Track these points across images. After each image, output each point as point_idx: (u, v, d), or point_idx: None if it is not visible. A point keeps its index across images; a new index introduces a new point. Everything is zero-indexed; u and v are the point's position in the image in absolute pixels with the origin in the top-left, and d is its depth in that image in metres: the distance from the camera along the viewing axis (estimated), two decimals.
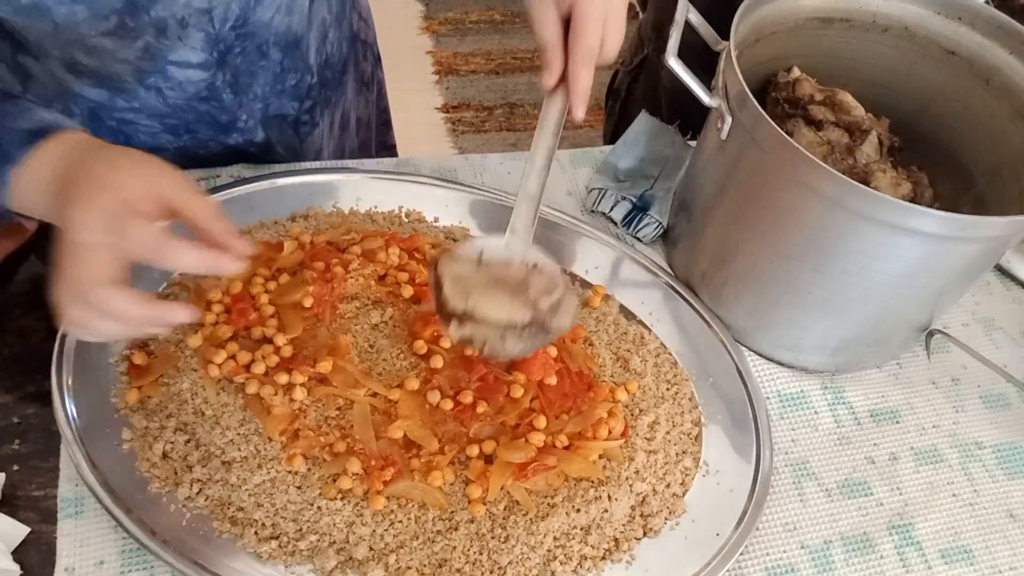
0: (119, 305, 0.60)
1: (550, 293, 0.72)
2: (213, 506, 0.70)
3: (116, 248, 0.60)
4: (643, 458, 0.78)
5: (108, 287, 0.60)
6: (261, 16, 0.86)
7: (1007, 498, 0.84)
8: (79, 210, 0.60)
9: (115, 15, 0.76)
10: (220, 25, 0.83)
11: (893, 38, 0.93)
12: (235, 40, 0.86)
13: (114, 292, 0.60)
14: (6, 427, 0.74)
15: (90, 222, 0.59)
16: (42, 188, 0.63)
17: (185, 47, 0.83)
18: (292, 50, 0.93)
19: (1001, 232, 0.75)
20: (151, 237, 0.60)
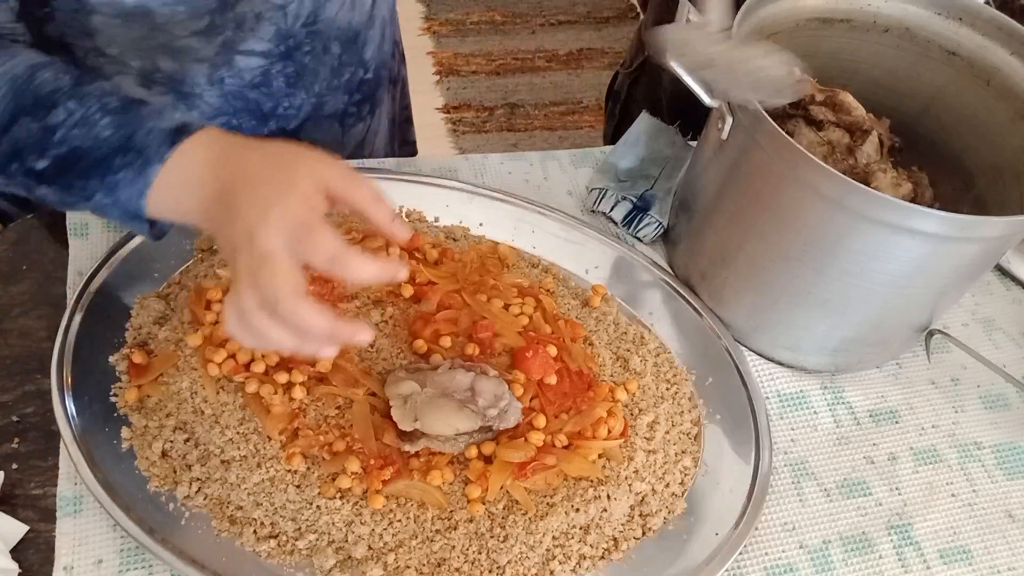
0: (308, 318, 0.58)
1: (498, 402, 0.74)
2: (212, 505, 0.70)
3: (299, 256, 0.58)
4: (642, 458, 0.78)
5: (299, 299, 0.58)
6: (329, 13, 0.88)
7: (1006, 498, 0.84)
8: (258, 216, 0.58)
9: (209, 15, 0.78)
10: (292, 21, 0.85)
11: (894, 39, 0.93)
12: (304, 37, 0.88)
13: (305, 305, 0.58)
14: (5, 426, 0.74)
15: (274, 230, 0.57)
16: (194, 188, 0.62)
17: (255, 37, 0.84)
18: (351, 45, 0.95)
19: (1001, 232, 0.75)
20: (334, 248, 0.58)
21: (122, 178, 0.62)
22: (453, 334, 0.81)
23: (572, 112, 2.58)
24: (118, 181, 0.62)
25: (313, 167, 0.61)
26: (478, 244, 0.91)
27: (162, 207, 0.64)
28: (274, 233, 0.57)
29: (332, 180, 0.61)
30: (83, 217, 0.86)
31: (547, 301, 0.86)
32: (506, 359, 0.81)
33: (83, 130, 0.62)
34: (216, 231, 0.62)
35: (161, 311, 0.80)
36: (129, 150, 0.62)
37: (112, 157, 0.62)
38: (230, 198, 0.60)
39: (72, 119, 0.63)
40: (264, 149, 0.62)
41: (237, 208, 0.59)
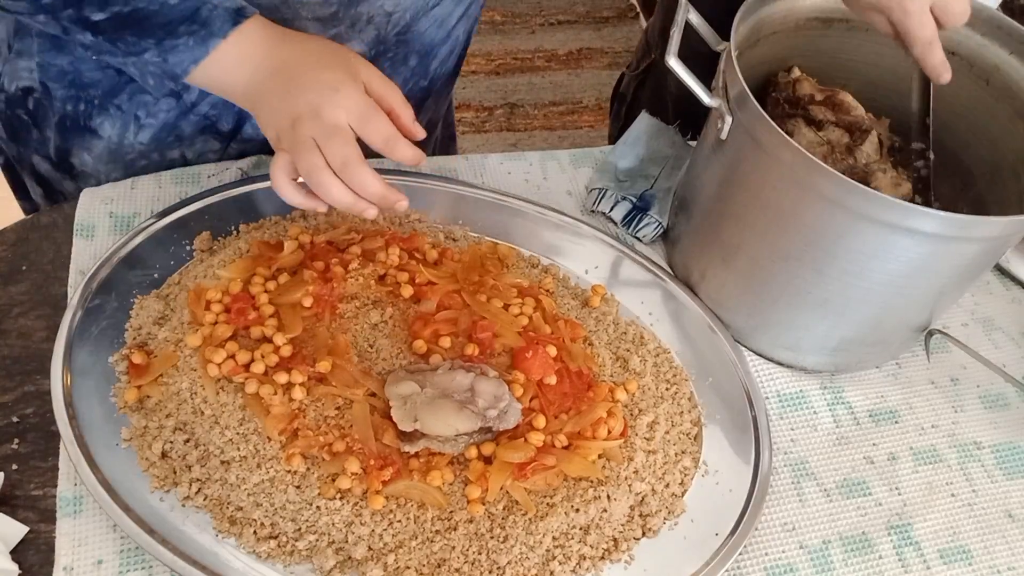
0: (369, 180, 0.68)
1: (497, 403, 0.74)
2: (212, 505, 0.70)
3: (360, 133, 0.68)
4: (642, 458, 0.78)
5: (365, 165, 0.68)
6: (421, 27, 0.90)
7: (1006, 498, 0.84)
8: (327, 94, 0.67)
9: (338, 5, 0.81)
10: (390, 29, 0.87)
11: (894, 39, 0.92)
12: (393, 45, 0.89)
13: (367, 169, 0.68)
14: (5, 427, 0.74)
15: (343, 108, 0.67)
16: (250, 64, 0.70)
17: (359, 39, 0.86)
18: (424, 59, 0.96)
19: (1001, 232, 0.75)
20: (389, 131, 0.69)
21: (183, 44, 0.68)
22: (453, 334, 0.81)
23: (572, 112, 2.58)
24: (177, 46, 0.68)
25: (361, 66, 0.71)
26: (478, 244, 0.91)
27: (207, 78, 0.71)
28: (343, 110, 0.67)
29: (374, 81, 0.71)
30: (91, 219, 0.87)
31: (547, 301, 0.86)
32: (506, 359, 0.81)
33: None
34: (269, 101, 0.70)
35: (161, 311, 0.80)
36: (195, 21, 0.68)
37: (177, 24, 0.68)
38: (292, 73, 0.69)
39: None
40: (317, 40, 0.73)
41: (302, 82, 0.68)
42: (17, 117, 0.92)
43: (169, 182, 0.91)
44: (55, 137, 0.92)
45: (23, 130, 0.93)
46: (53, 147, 0.93)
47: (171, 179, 0.92)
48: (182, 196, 0.89)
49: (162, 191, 0.90)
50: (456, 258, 0.87)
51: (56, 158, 0.94)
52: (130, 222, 0.87)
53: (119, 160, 0.93)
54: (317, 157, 0.67)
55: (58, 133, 0.92)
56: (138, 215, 0.88)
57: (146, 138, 0.92)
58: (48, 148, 0.94)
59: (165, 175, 0.92)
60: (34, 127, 0.92)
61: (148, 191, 0.90)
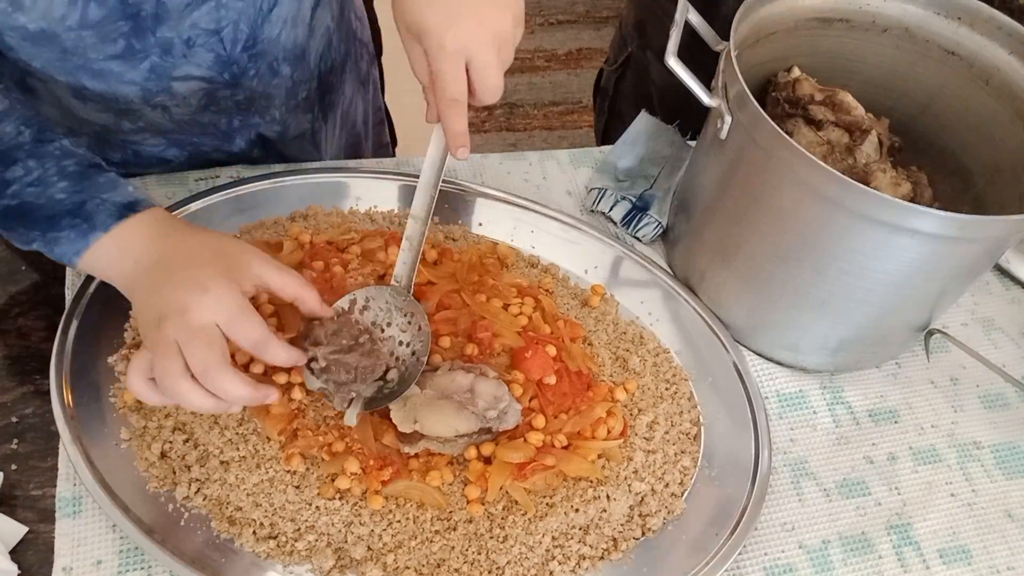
0: (232, 388, 0.63)
1: (497, 403, 0.74)
2: (211, 506, 0.70)
3: (229, 335, 0.64)
4: (642, 458, 0.78)
5: (227, 369, 0.63)
6: (269, 33, 0.86)
7: (1005, 498, 0.84)
8: (197, 292, 0.64)
9: (122, 39, 0.77)
10: (231, 47, 0.83)
11: (893, 38, 0.93)
12: (248, 62, 0.86)
13: (232, 376, 0.63)
14: (5, 427, 0.74)
15: (211, 309, 0.64)
16: (131, 257, 0.68)
17: (190, 63, 0.82)
18: (299, 62, 0.93)
19: (1000, 232, 0.75)
20: (260, 333, 0.65)
21: (64, 236, 0.67)
22: (452, 334, 0.81)
23: (571, 112, 2.58)
24: (60, 238, 0.67)
25: (251, 261, 0.68)
26: (477, 244, 0.91)
27: (92, 267, 0.70)
28: (211, 311, 0.64)
29: (266, 275, 0.68)
30: None
31: (546, 301, 0.86)
32: (505, 359, 0.81)
33: (38, 189, 0.68)
34: (142, 296, 0.67)
35: None
36: (78, 215, 0.67)
37: (60, 218, 0.67)
38: (169, 269, 0.66)
39: (29, 177, 0.68)
40: (207, 236, 0.70)
41: (175, 280, 0.65)
42: None
43: (155, 184, 0.91)
44: None
45: None
46: None
47: (156, 182, 0.91)
48: (170, 197, 0.89)
49: (149, 193, 0.89)
50: (456, 258, 0.87)
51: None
52: None
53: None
54: (174, 362, 0.62)
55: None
56: None
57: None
58: None
59: (150, 178, 0.91)
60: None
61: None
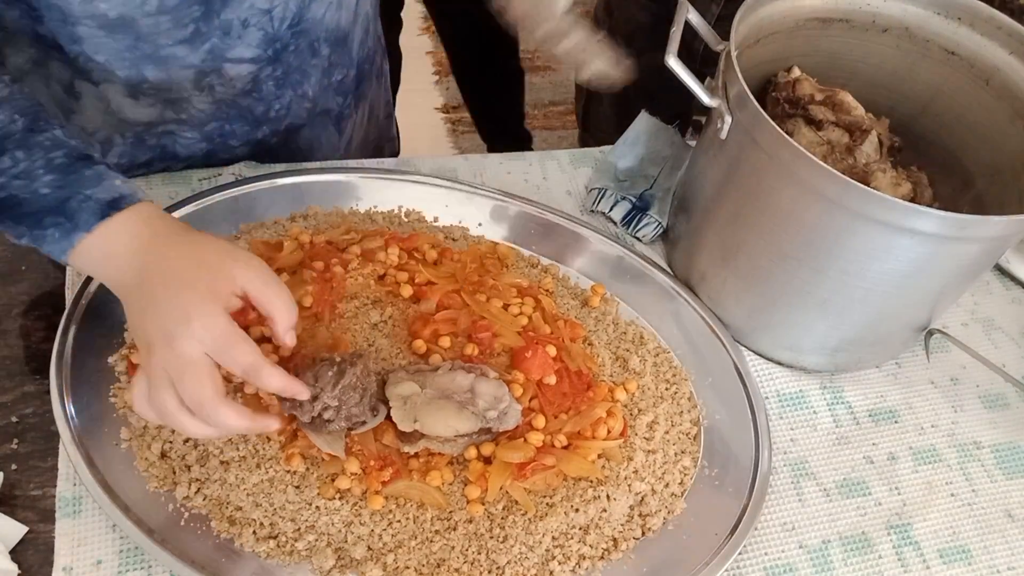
0: (227, 419, 0.62)
1: (497, 404, 0.74)
2: (211, 506, 0.70)
3: (219, 362, 0.62)
4: (642, 458, 0.78)
5: (220, 402, 0.62)
6: (315, 13, 0.88)
7: (1005, 498, 0.84)
8: (181, 321, 0.61)
9: (192, 23, 0.78)
10: (278, 24, 0.85)
11: (893, 38, 0.93)
12: (290, 38, 0.87)
13: (224, 407, 0.62)
14: (5, 426, 0.74)
15: (197, 339, 0.61)
16: (114, 267, 0.66)
17: (243, 44, 0.84)
18: (340, 46, 0.95)
19: (1000, 232, 0.75)
20: (251, 360, 0.63)
21: (49, 235, 0.65)
22: (452, 334, 0.81)
23: (571, 112, 2.58)
24: (44, 236, 0.65)
25: (233, 270, 0.65)
26: (477, 244, 0.91)
27: (84, 268, 0.69)
28: (197, 341, 0.61)
29: (249, 284, 0.65)
30: None
31: (546, 301, 0.86)
32: (505, 359, 0.81)
33: (24, 182, 0.65)
34: (130, 314, 0.66)
35: None
36: (61, 213, 0.65)
37: (44, 215, 0.65)
38: (151, 292, 0.64)
39: (16, 169, 0.66)
40: (190, 244, 0.66)
41: (157, 305, 0.63)
42: None
43: (159, 183, 0.91)
44: None
45: None
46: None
47: (160, 181, 0.91)
48: (172, 196, 0.89)
49: (152, 192, 0.90)
50: (456, 258, 0.87)
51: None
52: None
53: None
54: (168, 396, 0.62)
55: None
56: None
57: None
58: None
59: (154, 177, 0.92)
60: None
61: None
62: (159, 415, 0.63)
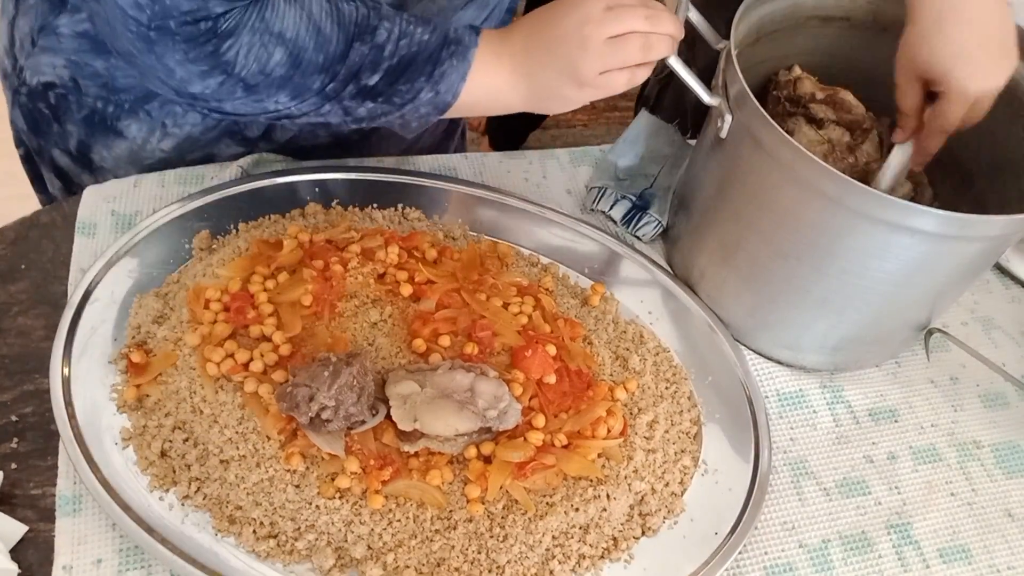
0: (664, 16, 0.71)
1: (497, 403, 0.74)
2: (211, 504, 0.70)
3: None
4: (642, 457, 0.78)
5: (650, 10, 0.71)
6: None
7: (1005, 497, 0.84)
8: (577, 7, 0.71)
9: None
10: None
11: (893, 37, 0.92)
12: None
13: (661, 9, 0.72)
14: (4, 425, 0.74)
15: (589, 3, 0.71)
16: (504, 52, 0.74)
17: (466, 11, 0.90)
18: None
19: (1000, 231, 0.75)
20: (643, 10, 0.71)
21: (448, 66, 0.73)
22: (452, 333, 0.81)
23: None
24: (444, 71, 0.73)
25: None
26: (477, 243, 0.91)
27: (476, 83, 0.75)
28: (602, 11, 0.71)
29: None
30: (93, 217, 0.86)
31: (546, 300, 0.86)
32: (505, 358, 0.81)
33: (407, 40, 0.72)
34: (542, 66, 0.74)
35: (160, 310, 0.80)
36: (450, 43, 0.73)
37: (438, 52, 0.73)
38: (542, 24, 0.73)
39: (393, 35, 0.72)
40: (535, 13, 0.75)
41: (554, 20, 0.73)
42: (38, 110, 0.93)
43: (172, 181, 0.91)
44: (79, 131, 0.93)
45: (44, 124, 0.94)
46: (75, 141, 0.94)
47: (174, 179, 0.91)
48: (184, 195, 0.89)
49: (164, 190, 0.90)
50: (455, 257, 0.87)
51: (76, 152, 0.95)
52: (131, 221, 0.87)
53: (138, 162, 0.94)
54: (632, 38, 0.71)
55: (84, 127, 0.92)
56: (139, 214, 0.88)
57: (168, 145, 0.92)
58: (68, 142, 0.94)
59: (169, 174, 0.92)
60: (55, 121, 0.93)
61: (151, 190, 0.90)
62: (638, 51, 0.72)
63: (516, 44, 0.75)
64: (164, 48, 0.67)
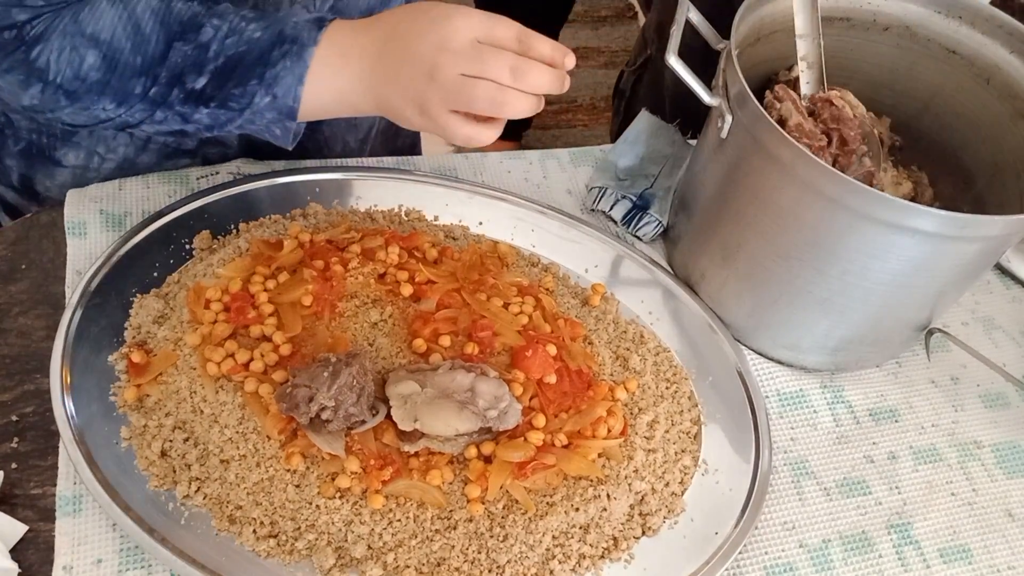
0: (538, 74, 0.64)
1: (497, 403, 0.74)
2: (211, 504, 0.70)
3: (489, 36, 0.65)
4: (642, 457, 0.78)
5: (524, 60, 0.64)
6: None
7: (1006, 497, 0.84)
8: (443, 26, 0.64)
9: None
10: (321, 4, 0.83)
11: (893, 37, 0.92)
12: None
13: (532, 64, 0.64)
14: (5, 425, 0.74)
15: (462, 30, 0.64)
16: (354, 55, 0.67)
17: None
18: None
19: (1001, 231, 0.75)
20: (518, 27, 0.65)
21: (281, 68, 0.67)
22: (452, 333, 0.81)
23: (566, 111, 2.58)
24: (277, 73, 0.67)
25: (474, 19, 0.66)
26: (477, 243, 0.91)
27: (321, 92, 0.69)
28: (468, 30, 0.64)
29: (478, 26, 0.66)
30: (81, 216, 0.86)
31: (547, 300, 0.86)
32: (506, 358, 0.81)
33: (234, 39, 0.67)
34: (390, 79, 0.67)
35: (160, 310, 0.80)
36: (283, 41, 0.67)
37: (269, 52, 0.67)
38: (399, 35, 0.66)
39: (221, 32, 0.67)
40: (403, 10, 0.69)
41: (413, 36, 0.65)
42: None
43: (157, 182, 0.91)
44: (19, 164, 0.92)
45: None
46: (17, 175, 0.93)
47: (158, 179, 0.91)
48: (170, 196, 0.89)
49: (150, 191, 0.90)
50: (456, 257, 0.87)
51: (20, 185, 0.94)
52: (121, 219, 0.87)
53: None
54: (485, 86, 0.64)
55: (23, 160, 0.91)
56: (129, 213, 0.88)
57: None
58: (11, 177, 0.93)
59: (152, 176, 0.91)
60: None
61: (136, 191, 0.90)
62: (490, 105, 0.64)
63: (370, 45, 0.68)
64: None
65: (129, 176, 0.91)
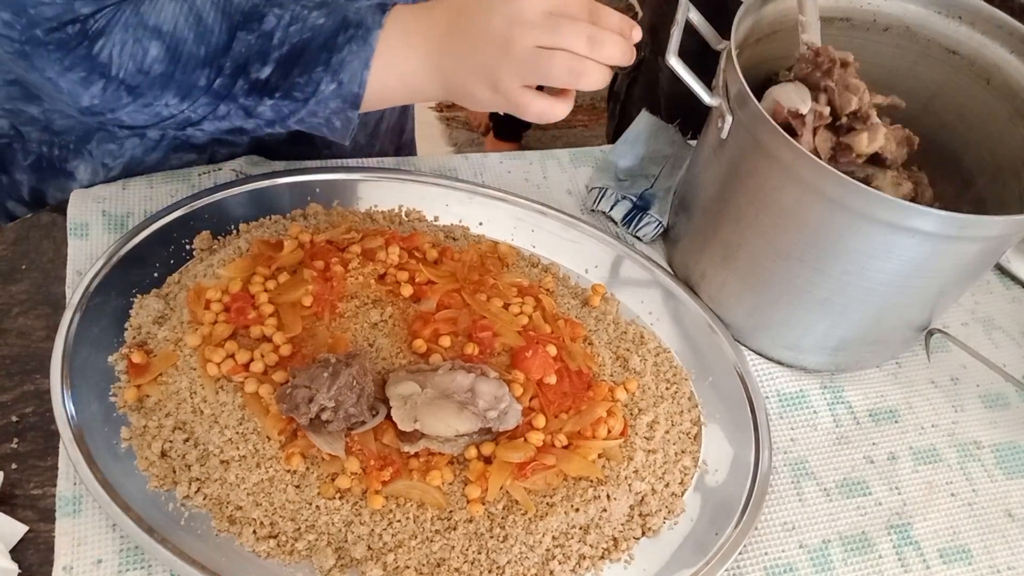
0: (613, 42, 0.63)
1: (497, 404, 0.74)
2: (211, 505, 0.70)
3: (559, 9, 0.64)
4: (642, 457, 0.78)
5: (598, 28, 0.63)
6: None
7: (1006, 498, 0.84)
8: (508, 13, 0.63)
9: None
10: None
11: (893, 37, 0.92)
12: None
13: (605, 32, 0.63)
14: (5, 426, 0.74)
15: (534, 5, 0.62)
16: (420, 35, 0.67)
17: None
18: None
19: (1001, 231, 0.75)
20: (588, 29, 0.63)
21: (347, 53, 0.66)
22: (453, 334, 0.81)
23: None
24: (343, 59, 0.66)
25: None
26: (478, 243, 0.91)
27: (384, 72, 0.68)
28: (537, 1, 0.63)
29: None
30: (84, 218, 0.86)
31: (547, 300, 0.86)
32: (506, 359, 0.81)
33: (298, 26, 0.66)
34: (459, 61, 0.66)
35: (160, 311, 0.80)
36: (348, 26, 0.66)
37: (334, 37, 0.66)
38: (464, 15, 0.65)
39: (283, 20, 0.66)
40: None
41: (480, 14, 0.64)
42: None
43: (160, 181, 0.91)
44: (29, 179, 0.92)
45: None
46: (27, 189, 0.93)
47: (162, 179, 0.91)
48: (173, 195, 0.89)
49: (153, 191, 0.90)
50: (456, 257, 0.87)
51: (31, 199, 0.94)
52: (123, 221, 0.87)
53: None
54: (562, 57, 0.62)
55: (33, 174, 0.91)
56: (131, 214, 0.88)
57: (117, 174, 0.92)
58: (21, 191, 0.93)
59: (156, 176, 0.91)
60: (3, 172, 0.91)
61: (139, 191, 0.90)
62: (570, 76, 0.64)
63: (435, 26, 0.67)
64: (42, 61, 0.64)
65: (136, 174, 0.91)
